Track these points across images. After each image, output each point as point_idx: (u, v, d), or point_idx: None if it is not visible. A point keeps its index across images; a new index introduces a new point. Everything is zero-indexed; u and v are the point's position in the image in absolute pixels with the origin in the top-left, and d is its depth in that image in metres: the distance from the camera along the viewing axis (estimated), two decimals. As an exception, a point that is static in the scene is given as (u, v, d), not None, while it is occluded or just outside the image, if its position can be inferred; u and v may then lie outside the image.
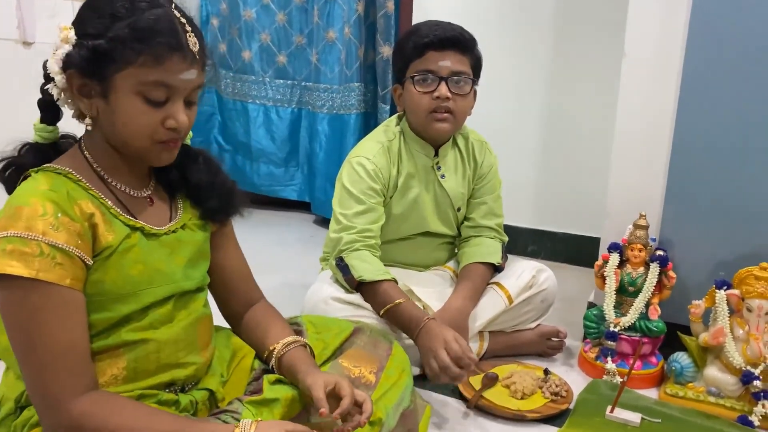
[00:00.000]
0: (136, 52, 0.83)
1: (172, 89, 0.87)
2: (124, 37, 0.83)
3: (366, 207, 1.48)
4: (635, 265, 1.53)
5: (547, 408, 1.36)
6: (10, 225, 0.80)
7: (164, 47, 0.84)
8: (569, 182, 2.41)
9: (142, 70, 0.84)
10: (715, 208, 1.51)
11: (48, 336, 0.81)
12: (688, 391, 1.42)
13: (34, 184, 0.85)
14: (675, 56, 1.50)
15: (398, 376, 1.13)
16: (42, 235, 0.80)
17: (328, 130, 2.77)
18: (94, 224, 0.87)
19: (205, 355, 1.01)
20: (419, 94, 1.47)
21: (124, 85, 0.85)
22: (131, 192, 0.94)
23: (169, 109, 0.88)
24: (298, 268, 2.21)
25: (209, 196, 1.02)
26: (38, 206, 0.81)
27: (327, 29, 2.67)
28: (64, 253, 0.82)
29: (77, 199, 0.86)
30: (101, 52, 0.83)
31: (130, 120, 0.86)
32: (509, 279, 1.57)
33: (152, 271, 0.93)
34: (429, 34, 1.46)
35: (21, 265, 0.79)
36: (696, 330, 1.44)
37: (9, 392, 0.92)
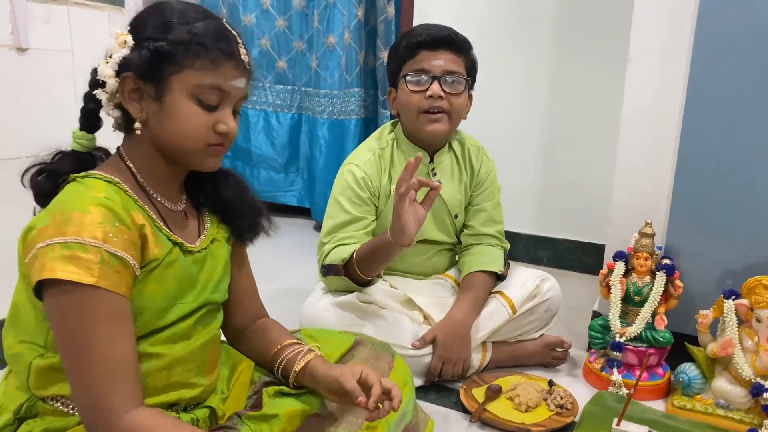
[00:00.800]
0: (195, 55, 0.86)
1: (224, 94, 0.90)
2: (185, 40, 0.86)
3: (351, 217, 1.47)
4: (641, 274, 1.50)
5: (552, 421, 1.33)
6: (68, 231, 0.78)
7: (221, 53, 0.88)
8: (573, 188, 2.39)
9: (199, 73, 0.87)
10: (722, 216, 1.48)
11: (106, 345, 0.79)
12: (696, 404, 1.39)
13: (87, 191, 0.84)
14: (681, 61, 1.48)
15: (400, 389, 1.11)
16: (103, 242, 0.79)
17: (328, 135, 2.75)
18: (144, 235, 0.87)
19: (211, 378, 1.00)
20: (411, 93, 1.45)
21: (180, 88, 0.87)
22: (169, 205, 0.95)
23: (220, 113, 0.90)
24: (297, 274, 2.19)
25: (239, 214, 1.04)
26: (97, 213, 0.81)
27: (327, 34, 2.66)
28: (122, 261, 0.82)
29: (130, 209, 0.86)
30: (162, 54, 0.86)
31: (184, 122, 0.88)
32: (513, 288, 1.54)
33: (185, 286, 0.94)
34: (421, 33, 1.45)
35: (81, 272, 0.77)
36: (704, 340, 1.41)
37: (8, 402, 0.90)
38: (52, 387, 0.87)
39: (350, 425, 1.03)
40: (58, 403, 0.88)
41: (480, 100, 1.54)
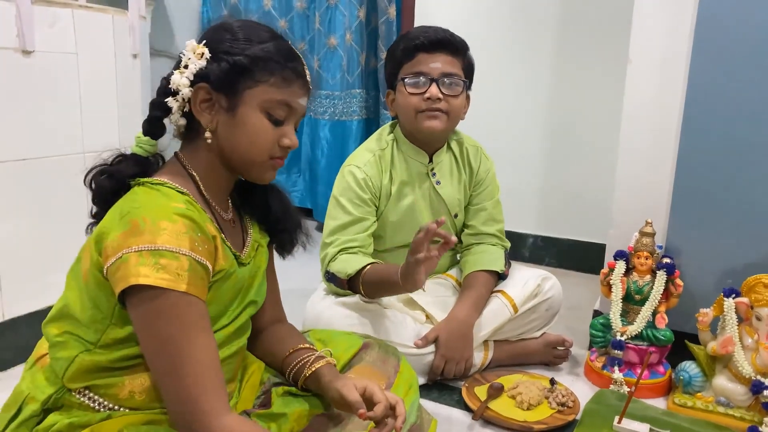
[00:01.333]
0: (270, 72, 0.91)
1: (291, 111, 0.95)
2: (262, 57, 0.91)
3: (353, 218, 1.48)
4: (642, 273, 1.51)
5: (554, 419, 1.34)
6: (157, 239, 0.81)
7: (292, 72, 0.93)
8: (574, 188, 2.40)
9: (272, 89, 0.92)
10: (722, 215, 1.49)
11: (199, 349, 0.82)
12: (697, 401, 1.40)
13: (167, 200, 0.87)
14: (681, 62, 1.49)
15: (405, 392, 1.13)
16: (190, 250, 0.83)
17: (329, 136, 2.76)
18: (216, 246, 0.90)
19: (232, 386, 1.02)
20: (410, 95, 1.46)
21: (253, 101, 0.91)
22: (222, 214, 0.98)
23: (285, 129, 0.95)
24: (300, 275, 2.19)
25: (284, 228, 1.07)
26: (182, 223, 0.84)
27: (328, 36, 2.67)
28: (205, 269, 0.86)
29: (205, 221, 0.89)
30: (240, 68, 0.90)
31: (254, 134, 0.92)
32: (514, 287, 1.55)
33: (239, 296, 0.98)
34: (419, 36, 1.46)
35: (174, 278, 0.80)
36: (704, 339, 1.42)
37: (36, 392, 0.90)
38: (86, 380, 0.88)
39: (357, 425, 1.04)
40: (85, 398, 0.89)
41: (482, 100, 1.55)
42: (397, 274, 1.26)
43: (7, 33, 1.39)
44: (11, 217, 1.46)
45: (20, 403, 0.91)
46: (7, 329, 1.48)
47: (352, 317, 1.42)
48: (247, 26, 0.94)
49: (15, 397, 0.93)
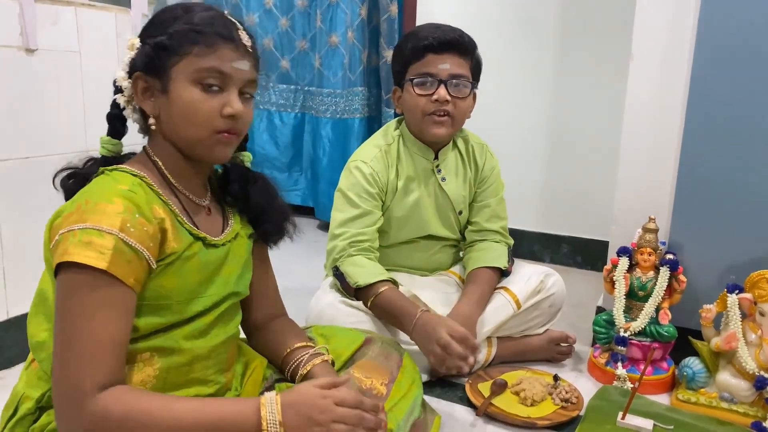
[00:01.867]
0: (191, 42, 0.89)
1: (226, 77, 0.91)
2: (181, 30, 0.90)
3: (361, 211, 1.48)
4: (645, 269, 1.51)
5: (558, 415, 1.34)
6: (89, 218, 0.81)
7: (217, 37, 0.90)
8: (576, 185, 2.40)
9: (197, 59, 0.89)
10: (725, 211, 1.49)
11: (93, 327, 0.81)
12: (701, 397, 1.40)
13: (113, 183, 0.87)
14: (683, 59, 1.49)
15: (408, 387, 1.13)
16: (120, 231, 0.82)
17: (331, 134, 2.76)
18: (164, 229, 0.89)
19: (228, 376, 1.02)
20: (418, 96, 1.46)
21: (182, 76, 0.90)
22: (194, 199, 0.97)
23: (225, 96, 0.91)
24: (302, 273, 2.20)
25: (266, 218, 1.06)
26: (118, 203, 0.83)
27: (330, 34, 2.67)
28: (135, 252, 0.83)
29: (152, 203, 0.89)
30: (161, 47, 0.89)
31: (189, 108, 0.90)
32: (517, 284, 1.55)
33: (207, 280, 0.96)
34: (428, 36, 1.45)
35: (95, 256, 0.80)
36: (707, 335, 1.42)
37: (31, 391, 0.91)
38: None
39: None
40: None
41: (484, 98, 1.55)
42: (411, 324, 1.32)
43: (11, 31, 1.40)
44: (15, 216, 1.46)
45: (17, 402, 0.92)
46: (11, 327, 1.49)
47: (356, 315, 1.42)
48: (174, 8, 0.93)
49: (13, 397, 0.94)
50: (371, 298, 1.39)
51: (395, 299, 1.38)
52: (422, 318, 1.33)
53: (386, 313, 1.38)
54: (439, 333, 1.27)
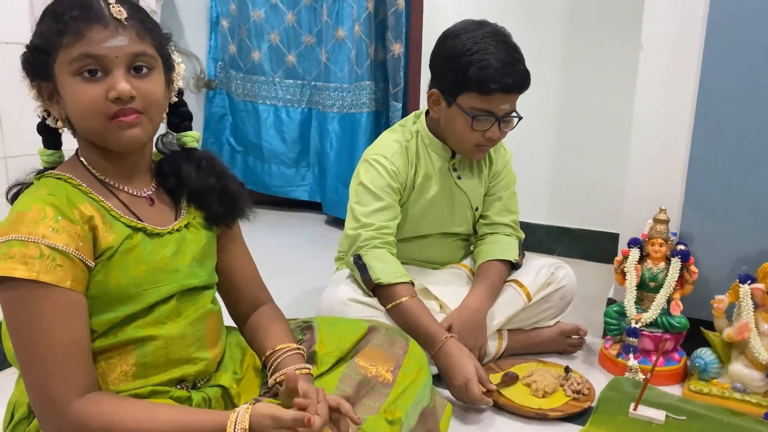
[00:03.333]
0: (58, 35, 0.85)
1: (102, 59, 0.85)
2: (48, 26, 0.86)
3: (384, 204, 1.47)
4: (656, 260, 1.51)
5: (569, 406, 1.34)
6: (11, 230, 0.81)
7: (81, 22, 0.84)
8: (585, 178, 2.39)
9: (68, 51, 0.85)
10: (736, 202, 1.48)
11: (49, 337, 0.81)
12: (713, 388, 1.40)
13: (34, 190, 0.87)
14: (694, 47, 1.48)
15: (416, 373, 1.13)
16: (42, 237, 0.81)
17: (338, 129, 2.76)
18: (93, 226, 0.88)
19: (214, 351, 1.01)
20: (472, 130, 1.42)
21: (61, 72, 0.86)
22: (133, 192, 0.95)
23: (109, 81, 0.86)
24: (311, 268, 2.21)
25: (212, 200, 1.01)
26: (39, 210, 0.82)
27: (336, 28, 2.67)
28: (65, 255, 0.82)
29: (76, 202, 0.87)
30: (35, 49, 0.86)
31: (75, 102, 0.86)
32: (528, 276, 1.55)
33: (156, 270, 0.93)
34: (502, 79, 1.36)
35: (22, 268, 0.79)
36: (719, 325, 1.42)
37: (22, 397, 0.92)
38: None
39: (368, 409, 1.04)
40: None
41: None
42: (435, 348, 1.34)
43: (21, 28, 1.40)
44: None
45: (12, 410, 0.94)
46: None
47: (367, 311, 1.42)
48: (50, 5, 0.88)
49: (9, 407, 0.96)
50: (392, 303, 1.39)
51: (419, 314, 1.38)
52: (449, 347, 1.33)
53: (407, 325, 1.37)
54: (467, 367, 1.29)
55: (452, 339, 1.35)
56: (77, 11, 0.85)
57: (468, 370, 1.29)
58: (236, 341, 1.10)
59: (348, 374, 1.07)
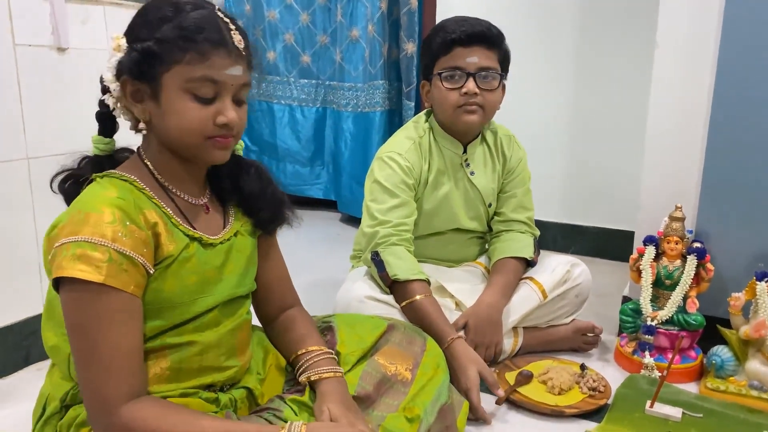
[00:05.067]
0: (181, 50, 0.86)
1: (219, 85, 0.88)
2: (170, 36, 0.86)
3: (400, 201, 1.48)
4: (672, 257, 1.51)
5: (585, 403, 1.35)
6: (79, 230, 0.81)
7: (208, 44, 0.86)
8: (600, 176, 2.39)
9: (188, 68, 0.86)
10: (753, 199, 1.48)
11: (109, 341, 0.82)
12: (730, 386, 1.40)
13: (102, 190, 0.87)
14: (709, 45, 1.48)
15: (433, 371, 1.14)
16: (111, 241, 0.82)
17: (353, 128, 2.78)
18: (157, 233, 0.88)
19: (243, 359, 1.02)
20: (447, 90, 1.46)
21: (173, 84, 0.87)
22: (190, 200, 0.96)
23: (218, 105, 0.89)
24: (326, 266, 2.22)
25: (261, 206, 1.04)
26: (107, 213, 0.83)
27: (350, 28, 2.68)
28: (130, 260, 0.83)
29: (143, 207, 0.88)
30: (149, 54, 0.86)
31: (180, 118, 0.88)
32: (543, 274, 1.56)
33: (208, 280, 0.95)
34: (456, 30, 1.45)
35: (90, 270, 0.80)
36: (736, 323, 1.41)
37: (54, 391, 0.94)
38: None
39: (387, 407, 1.05)
40: None
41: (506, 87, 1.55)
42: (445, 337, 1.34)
43: (43, 30, 1.43)
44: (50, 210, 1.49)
45: (44, 403, 0.95)
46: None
47: (383, 309, 1.43)
48: (164, 4, 0.88)
49: (40, 399, 0.98)
50: (407, 300, 1.41)
51: (430, 313, 1.38)
52: (454, 348, 1.33)
53: (419, 321, 1.38)
54: (469, 373, 1.29)
55: (459, 340, 1.35)
56: (206, 33, 0.86)
57: (470, 377, 1.28)
58: (258, 340, 1.12)
59: (368, 372, 1.08)
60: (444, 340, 1.33)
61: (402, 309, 1.42)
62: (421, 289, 1.41)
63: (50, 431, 0.92)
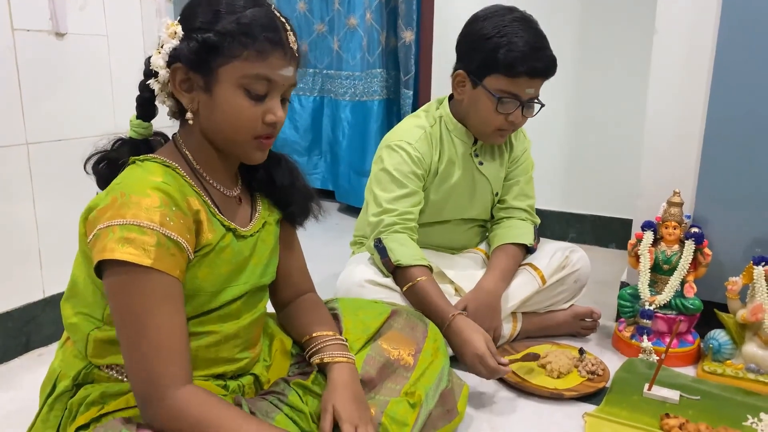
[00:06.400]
0: (242, 46, 0.86)
1: (272, 84, 0.89)
2: (232, 30, 0.86)
3: (408, 191, 1.48)
4: (670, 242, 1.52)
5: (584, 386, 1.36)
6: (127, 213, 0.81)
7: (268, 43, 0.87)
8: (598, 165, 2.40)
9: (246, 64, 0.87)
10: (750, 184, 1.49)
11: (160, 323, 0.81)
12: (727, 369, 1.41)
13: (147, 174, 0.86)
14: (708, 31, 1.48)
15: (433, 356, 1.15)
16: (160, 225, 0.81)
17: (350, 117, 2.77)
18: (199, 221, 0.89)
19: (255, 351, 1.03)
20: (496, 113, 1.43)
21: (228, 79, 0.87)
22: (224, 191, 0.97)
23: (268, 104, 0.90)
24: (325, 256, 2.22)
25: (292, 199, 1.05)
26: (155, 197, 0.82)
27: (348, 16, 2.67)
28: (177, 245, 0.84)
29: (186, 194, 0.88)
30: (210, 45, 0.86)
31: (232, 113, 0.88)
32: (542, 259, 1.57)
33: (238, 269, 0.96)
34: (531, 62, 1.37)
35: (139, 253, 0.80)
36: (733, 307, 1.43)
37: (67, 369, 0.94)
38: (108, 356, 0.91)
39: (389, 391, 1.07)
40: (113, 371, 0.92)
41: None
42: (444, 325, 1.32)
43: (42, 16, 1.42)
44: (49, 196, 1.50)
45: (54, 380, 0.95)
46: (47, 306, 1.53)
47: (384, 292, 1.44)
48: None
49: (50, 375, 0.97)
50: (408, 284, 1.41)
51: (431, 293, 1.39)
52: (457, 324, 1.32)
53: (420, 303, 1.39)
54: (476, 342, 1.27)
55: (460, 316, 1.34)
56: (267, 32, 0.87)
57: (478, 345, 1.27)
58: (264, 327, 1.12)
59: (372, 356, 1.09)
60: (446, 318, 1.34)
61: (404, 293, 1.43)
62: (423, 273, 1.42)
63: (60, 408, 0.92)
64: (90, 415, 0.87)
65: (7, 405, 1.29)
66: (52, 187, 1.51)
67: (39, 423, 0.93)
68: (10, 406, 1.29)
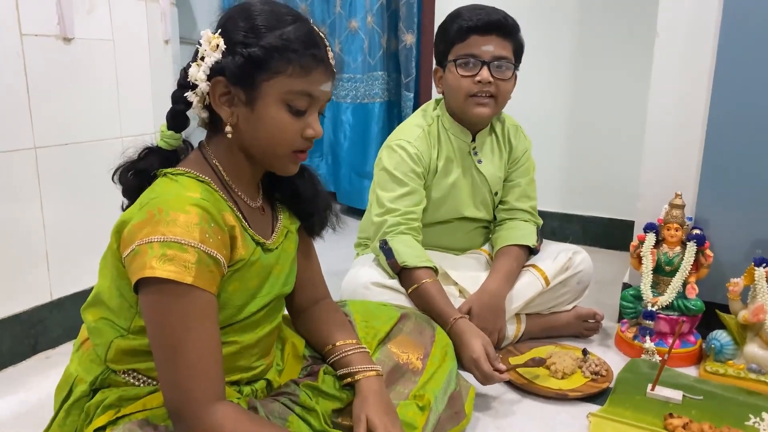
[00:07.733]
0: (287, 62, 0.86)
1: (313, 100, 0.90)
2: (277, 46, 0.86)
3: (409, 189, 1.50)
4: (672, 244, 1.53)
5: (588, 387, 1.37)
6: (167, 230, 0.80)
7: (312, 59, 0.88)
8: (600, 166, 2.41)
9: (290, 80, 0.87)
10: (751, 186, 1.50)
11: (198, 340, 0.81)
12: (729, 369, 1.43)
13: (184, 190, 0.86)
14: (709, 34, 1.50)
15: (441, 360, 1.16)
16: (200, 242, 0.81)
17: (352, 119, 2.78)
18: (234, 236, 0.89)
19: (269, 360, 1.04)
20: (461, 77, 1.47)
21: (272, 94, 0.87)
22: (249, 202, 0.97)
23: (308, 119, 0.91)
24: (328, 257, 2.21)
25: (314, 210, 1.06)
26: (194, 214, 0.82)
27: (349, 19, 2.68)
28: (216, 261, 0.84)
29: (222, 210, 0.88)
30: (255, 60, 0.86)
31: (274, 128, 0.89)
32: (545, 261, 1.58)
33: (264, 282, 0.96)
34: (473, 17, 1.46)
35: (180, 271, 0.79)
36: (735, 308, 1.44)
37: (84, 374, 0.94)
38: (127, 363, 0.92)
39: (398, 395, 1.08)
40: (130, 377, 0.92)
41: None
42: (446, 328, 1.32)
43: (49, 20, 1.43)
44: (56, 200, 1.51)
45: (71, 384, 0.95)
46: (54, 308, 1.54)
47: (389, 294, 1.45)
48: (264, 10, 0.88)
49: (66, 379, 0.97)
50: (414, 286, 1.42)
51: (435, 296, 1.40)
52: (458, 326, 1.34)
53: (424, 306, 1.40)
54: (473, 345, 1.29)
55: (462, 320, 1.36)
56: (311, 48, 0.87)
57: (474, 349, 1.28)
58: None
59: (382, 360, 1.10)
60: (448, 321, 1.35)
61: (409, 295, 1.44)
62: (428, 275, 1.43)
63: (77, 413, 0.92)
64: (107, 417, 0.88)
65: (17, 407, 1.30)
66: (60, 191, 1.52)
67: (55, 427, 0.94)
68: (20, 409, 1.30)
